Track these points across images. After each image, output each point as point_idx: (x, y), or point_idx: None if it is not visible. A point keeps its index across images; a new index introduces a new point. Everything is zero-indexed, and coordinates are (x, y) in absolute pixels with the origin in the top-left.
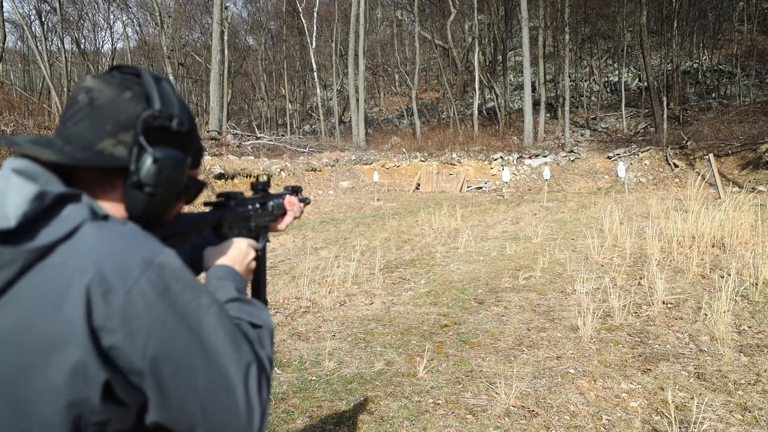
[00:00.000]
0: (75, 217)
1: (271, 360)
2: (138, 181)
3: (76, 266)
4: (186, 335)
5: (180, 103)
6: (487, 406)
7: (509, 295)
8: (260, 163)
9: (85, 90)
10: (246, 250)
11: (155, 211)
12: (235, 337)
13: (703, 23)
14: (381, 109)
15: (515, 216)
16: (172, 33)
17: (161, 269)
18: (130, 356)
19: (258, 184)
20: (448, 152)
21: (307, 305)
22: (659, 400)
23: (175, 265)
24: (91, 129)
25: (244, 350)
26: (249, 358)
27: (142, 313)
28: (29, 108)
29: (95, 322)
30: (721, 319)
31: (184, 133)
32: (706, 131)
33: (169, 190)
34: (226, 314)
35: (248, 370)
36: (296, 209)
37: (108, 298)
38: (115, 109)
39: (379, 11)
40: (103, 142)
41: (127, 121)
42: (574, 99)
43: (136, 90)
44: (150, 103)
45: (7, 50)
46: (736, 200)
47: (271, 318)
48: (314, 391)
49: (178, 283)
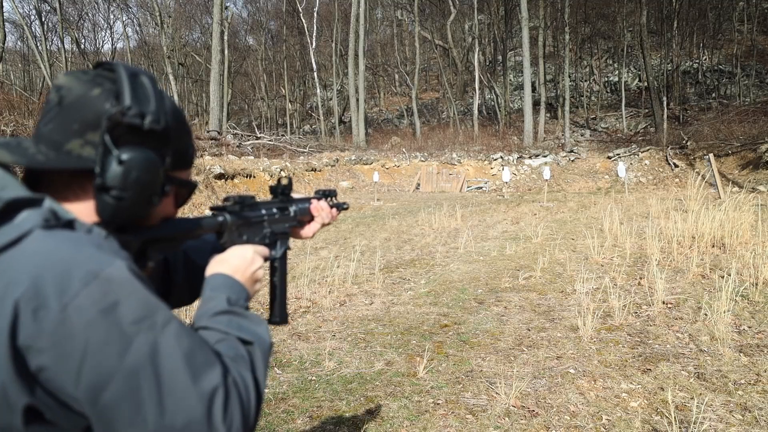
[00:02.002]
0: (25, 224)
1: (258, 380)
2: (103, 184)
3: (11, 278)
4: (132, 359)
5: (158, 100)
6: (487, 406)
7: (509, 295)
8: (260, 163)
9: (56, 88)
10: (251, 258)
11: (126, 216)
12: (198, 359)
13: (703, 23)
14: (381, 109)
15: (515, 216)
16: (172, 33)
17: (107, 283)
18: (61, 380)
19: (277, 188)
20: (448, 152)
21: (307, 305)
22: (659, 400)
23: (124, 279)
24: (60, 129)
25: (209, 374)
26: (215, 383)
27: (77, 333)
28: (29, 108)
29: (21, 342)
30: (721, 319)
31: (159, 131)
32: (706, 131)
33: (139, 194)
34: (189, 333)
35: (212, 396)
36: (325, 215)
37: (39, 314)
38: (83, 107)
39: (379, 11)
40: (71, 142)
41: (94, 119)
42: (574, 99)
43: (107, 86)
44: (119, 100)
45: (7, 50)
46: (736, 200)
47: (268, 333)
48: (314, 391)
49: (129, 299)
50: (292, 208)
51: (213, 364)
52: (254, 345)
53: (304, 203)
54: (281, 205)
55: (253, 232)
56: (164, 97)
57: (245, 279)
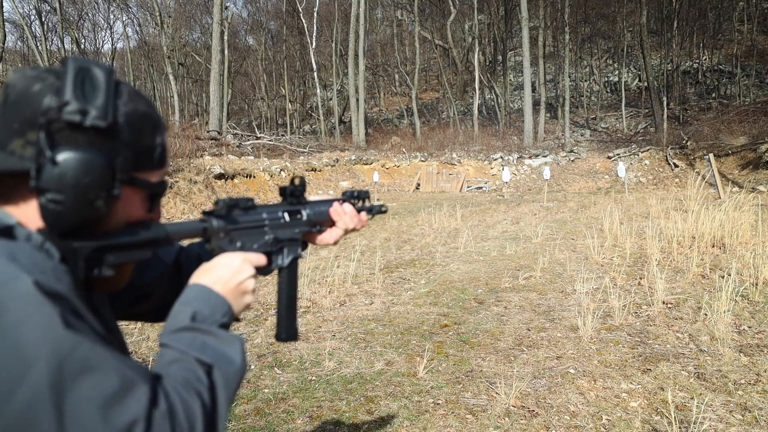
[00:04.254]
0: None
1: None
2: (38, 186)
3: None
4: (29, 387)
5: (109, 94)
6: (487, 406)
7: (509, 295)
8: (260, 163)
9: (5, 86)
10: (237, 267)
11: (70, 221)
12: (112, 388)
13: (703, 23)
14: (381, 109)
15: (515, 216)
16: (172, 33)
17: (7, 301)
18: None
19: (287, 189)
20: (448, 152)
21: (307, 305)
22: (659, 400)
23: (26, 298)
24: (3, 129)
25: (127, 405)
26: (133, 414)
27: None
28: None
29: None
30: (721, 319)
31: (104, 129)
32: (706, 131)
33: (77, 197)
34: (104, 358)
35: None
36: (349, 220)
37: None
38: (23, 104)
39: (379, 11)
40: (13, 142)
41: (32, 117)
42: (574, 99)
43: (49, 81)
44: (59, 95)
45: (7, 50)
46: (736, 200)
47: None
48: (314, 391)
49: (29, 321)
50: (305, 211)
51: (134, 391)
52: (214, 368)
53: (321, 206)
54: (291, 208)
55: (250, 239)
56: (121, 92)
57: (228, 291)
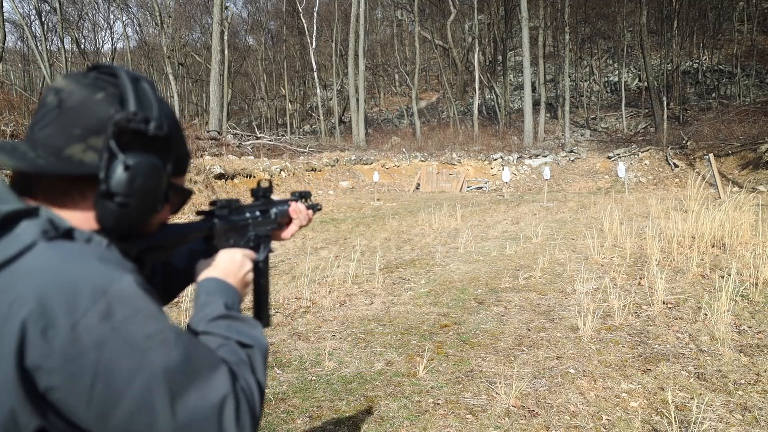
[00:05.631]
0: (25, 237)
1: (260, 383)
2: (107, 190)
3: (17, 295)
4: (145, 375)
5: (160, 105)
6: (487, 406)
7: (509, 295)
8: (260, 163)
9: (54, 91)
10: (241, 261)
11: (129, 223)
12: (207, 369)
13: (703, 23)
14: (381, 109)
15: (515, 216)
16: (172, 33)
17: (117, 300)
18: (72, 400)
19: (259, 190)
20: (448, 152)
21: (307, 305)
22: (659, 400)
23: (132, 294)
24: (59, 133)
25: (217, 382)
26: (224, 391)
27: (88, 352)
28: (29, 108)
29: (29, 363)
30: (721, 319)
31: (162, 137)
32: (706, 131)
33: (143, 201)
34: (196, 344)
35: (223, 404)
36: (302, 217)
37: (48, 334)
38: (86, 111)
39: (379, 11)
40: (72, 147)
41: (97, 124)
42: (574, 99)
43: (110, 91)
44: (124, 105)
45: (7, 50)
46: (736, 200)
47: (264, 336)
48: (314, 391)
49: (137, 316)
50: (273, 210)
51: (221, 372)
52: (254, 348)
53: (283, 205)
54: (263, 207)
55: (239, 236)
56: (164, 103)
57: (237, 283)
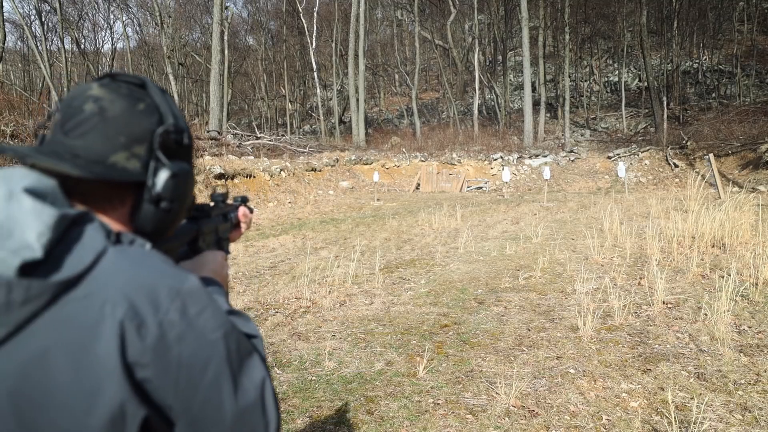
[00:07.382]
0: (96, 244)
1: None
2: (156, 195)
3: (106, 299)
4: (216, 363)
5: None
6: (487, 406)
7: (509, 295)
8: (260, 163)
9: (92, 99)
10: (221, 261)
11: (167, 226)
12: (249, 355)
13: (703, 23)
14: (381, 109)
15: (515, 216)
16: (172, 33)
17: (189, 297)
18: (162, 390)
19: (218, 196)
20: (448, 152)
21: (307, 305)
22: (659, 400)
23: (200, 292)
24: (103, 141)
25: (259, 368)
26: (263, 374)
27: (173, 346)
28: (29, 108)
29: (130, 358)
30: (721, 319)
31: (189, 146)
32: (706, 131)
33: (182, 204)
34: (239, 332)
35: (263, 386)
36: (248, 220)
37: (142, 332)
38: (129, 121)
39: (379, 11)
40: (116, 155)
41: (141, 134)
42: (574, 99)
43: (147, 101)
44: (163, 117)
45: (7, 50)
46: (736, 200)
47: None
48: (314, 391)
49: (206, 311)
50: (231, 214)
51: (256, 357)
52: (258, 339)
53: (234, 210)
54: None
55: (210, 238)
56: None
57: (222, 281)
